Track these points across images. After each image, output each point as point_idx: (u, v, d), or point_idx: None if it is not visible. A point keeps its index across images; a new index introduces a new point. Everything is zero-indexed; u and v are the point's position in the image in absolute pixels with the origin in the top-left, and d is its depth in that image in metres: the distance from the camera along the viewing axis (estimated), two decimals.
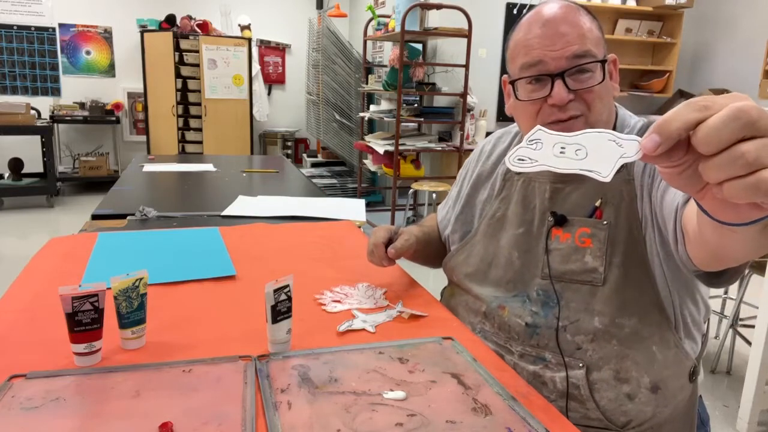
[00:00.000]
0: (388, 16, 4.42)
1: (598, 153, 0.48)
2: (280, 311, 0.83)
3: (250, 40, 5.81)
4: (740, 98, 0.42)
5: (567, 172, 0.49)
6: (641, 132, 0.92)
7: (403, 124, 4.23)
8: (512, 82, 0.92)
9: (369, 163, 4.64)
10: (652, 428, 0.88)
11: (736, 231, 0.54)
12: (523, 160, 0.51)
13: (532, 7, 1.00)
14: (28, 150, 5.76)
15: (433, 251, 1.21)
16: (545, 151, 0.50)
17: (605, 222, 0.89)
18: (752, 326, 2.13)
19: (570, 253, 0.91)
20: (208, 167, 2.72)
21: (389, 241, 1.10)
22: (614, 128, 0.94)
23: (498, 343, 0.98)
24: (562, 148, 0.49)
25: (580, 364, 0.89)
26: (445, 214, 1.20)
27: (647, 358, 0.87)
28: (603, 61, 0.87)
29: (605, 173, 0.47)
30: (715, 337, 2.86)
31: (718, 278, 0.81)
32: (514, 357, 0.95)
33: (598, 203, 0.91)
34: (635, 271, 0.88)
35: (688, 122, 0.42)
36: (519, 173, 1.01)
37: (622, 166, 0.48)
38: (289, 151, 6.66)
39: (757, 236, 0.55)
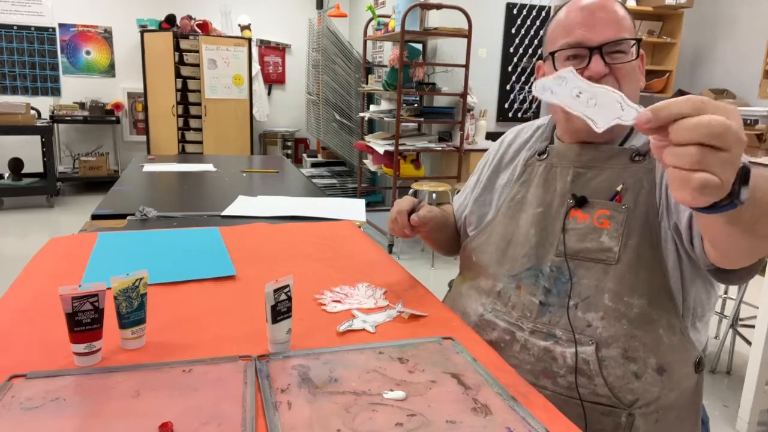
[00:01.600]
0: (388, 16, 4.42)
1: (604, 107, 0.56)
2: (280, 311, 0.83)
3: (250, 40, 5.81)
4: (727, 111, 0.52)
5: (572, 112, 0.58)
6: None
7: (403, 124, 4.23)
8: (553, 53, 0.97)
9: (369, 163, 4.64)
10: (658, 411, 0.90)
11: (704, 218, 0.66)
12: (545, 90, 0.60)
13: (532, 7, 1.06)
14: (28, 150, 5.76)
15: (447, 235, 1.23)
16: (565, 89, 0.57)
17: (624, 206, 0.92)
18: (752, 326, 2.13)
19: (587, 233, 0.94)
20: (208, 167, 2.72)
21: (412, 210, 1.13)
22: None
23: (509, 321, 1.00)
24: (579, 92, 0.57)
25: (590, 341, 0.91)
26: (463, 200, 1.23)
27: (654, 341, 0.90)
28: (638, 40, 0.94)
29: (600, 125, 0.56)
30: (715, 337, 2.86)
31: (727, 276, 0.86)
32: (525, 333, 0.97)
33: (619, 188, 0.94)
34: (648, 254, 0.91)
35: (676, 114, 0.53)
36: (540, 159, 1.05)
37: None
38: (289, 151, 6.66)
39: (727, 229, 0.65)
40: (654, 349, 0.90)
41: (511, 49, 4.63)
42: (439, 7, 3.99)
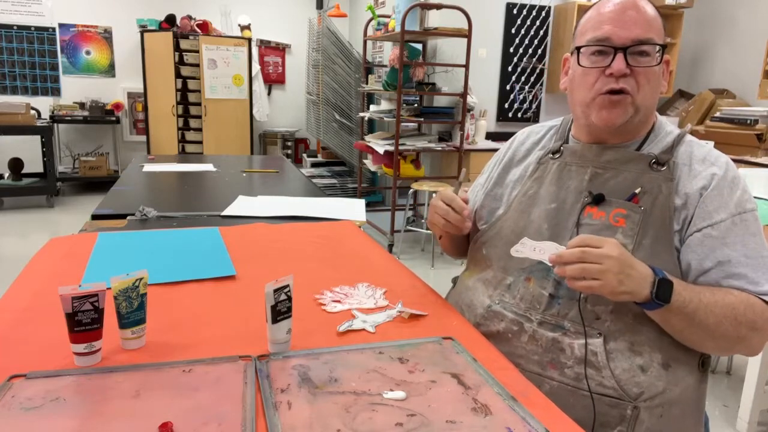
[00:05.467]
0: (388, 16, 4.42)
1: (545, 251, 0.89)
2: (280, 311, 0.83)
3: (250, 40, 5.81)
4: (610, 245, 0.83)
5: (533, 259, 0.92)
6: (675, 142, 0.99)
7: (403, 124, 4.23)
8: (578, 48, 0.99)
9: (369, 163, 4.64)
10: (662, 406, 0.91)
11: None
12: (516, 251, 0.93)
13: (532, 7, 1.08)
14: (28, 150, 5.75)
15: (460, 237, 1.22)
16: (527, 246, 0.92)
17: (641, 207, 0.94)
18: None
19: (601, 229, 0.95)
20: (208, 167, 2.72)
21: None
22: (651, 130, 1.01)
23: (517, 313, 1.01)
24: (534, 248, 0.91)
25: (598, 333, 0.93)
26: (473, 197, 1.22)
27: (658, 337, 0.92)
28: (663, 46, 0.95)
29: (546, 259, 0.88)
30: None
31: None
32: (533, 324, 0.98)
33: (637, 191, 0.95)
34: (662, 256, 0.92)
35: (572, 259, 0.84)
36: (554, 158, 1.07)
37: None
38: (289, 151, 6.65)
39: (660, 319, 0.89)
40: (659, 344, 0.92)
41: (511, 49, 4.62)
42: (439, 7, 3.99)
